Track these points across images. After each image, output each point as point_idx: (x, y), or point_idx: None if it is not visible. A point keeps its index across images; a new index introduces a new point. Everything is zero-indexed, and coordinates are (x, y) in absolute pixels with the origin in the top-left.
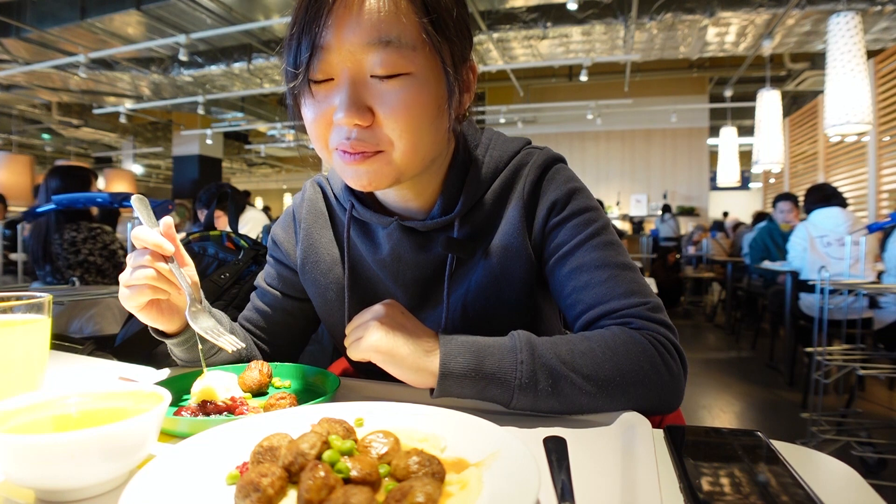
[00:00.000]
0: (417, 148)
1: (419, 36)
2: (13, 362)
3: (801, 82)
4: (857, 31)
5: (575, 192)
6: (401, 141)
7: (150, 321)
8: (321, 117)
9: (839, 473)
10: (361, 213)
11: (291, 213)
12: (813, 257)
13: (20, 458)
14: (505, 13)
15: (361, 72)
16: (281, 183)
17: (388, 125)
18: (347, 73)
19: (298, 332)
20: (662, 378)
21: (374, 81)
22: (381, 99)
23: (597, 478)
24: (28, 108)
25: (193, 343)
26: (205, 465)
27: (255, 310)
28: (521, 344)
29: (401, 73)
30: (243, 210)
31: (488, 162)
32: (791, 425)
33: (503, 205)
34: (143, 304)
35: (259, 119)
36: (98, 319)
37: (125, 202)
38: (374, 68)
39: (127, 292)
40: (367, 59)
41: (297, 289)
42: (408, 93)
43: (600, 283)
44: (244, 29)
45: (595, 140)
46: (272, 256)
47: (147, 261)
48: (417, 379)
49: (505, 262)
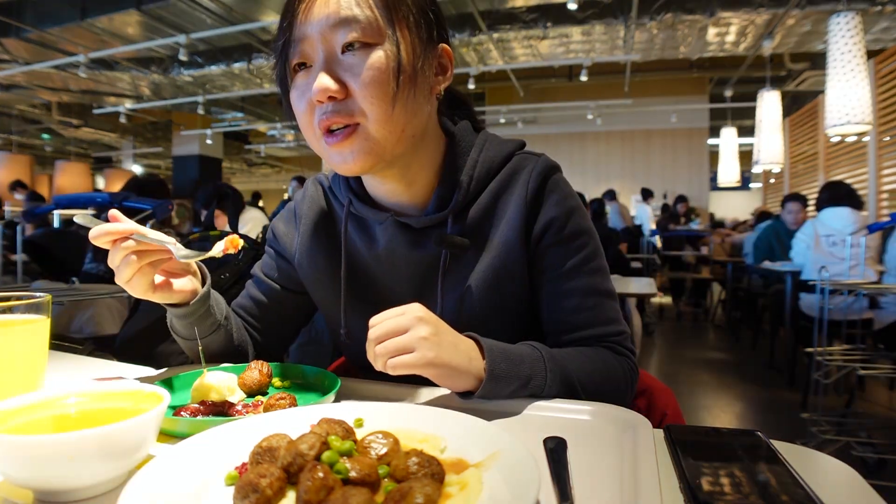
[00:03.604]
0: (390, 117)
1: (376, 12)
2: (13, 362)
3: (801, 82)
4: (858, 31)
5: (573, 211)
6: (373, 108)
7: (164, 299)
8: (306, 103)
9: (839, 473)
10: (358, 208)
11: (293, 208)
12: (816, 255)
13: (19, 458)
14: (505, 13)
15: (332, 50)
16: (281, 183)
17: (360, 94)
18: (322, 54)
19: (290, 323)
20: (625, 397)
21: (345, 57)
22: (352, 70)
23: (597, 478)
24: (28, 108)
25: (199, 316)
26: (204, 466)
27: (249, 297)
28: (545, 354)
29: (367, 44)
30: (243, 210)
31: (483, 161)
32: (791, 425)
33: (501, 205)
34: (149, 286)
35: (259, 119)
36: (98, 319)
37: (125, 202)
38: (340, 43)
39: (129, 286)
40: (334, 37)
41: (293, 281)
42: (374, 62)
43: (588, 308)
44: (244, 29)
45: (595, 140)
46: (271, 247)
47: (119, 252)
48: (460, 384)
49: (505, 261)
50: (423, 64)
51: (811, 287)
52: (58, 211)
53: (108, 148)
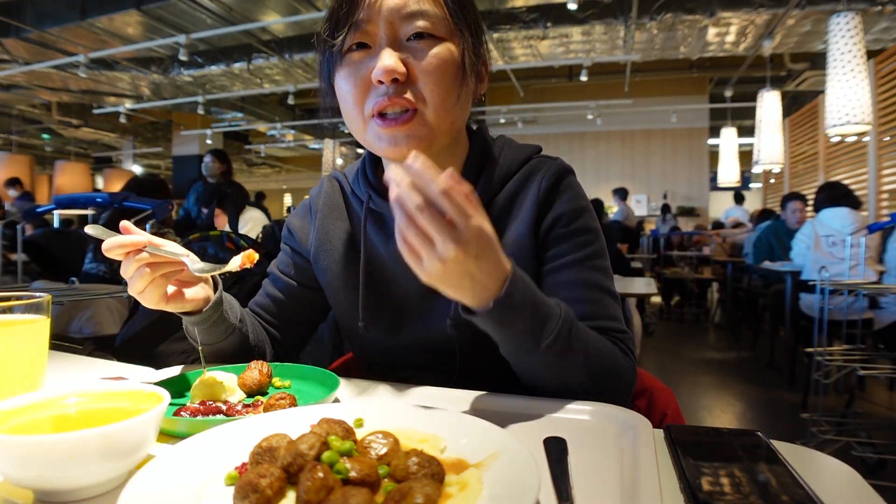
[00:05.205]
0: (447, 107)
1: (447, 11)
2: (13, 362)
3: (801, 82)
4: (858, 32)
5: (583, 210)
6: (433, 96)
7: (177, 308)
8: (359, 83)
9: (839, 473)
10: (378, 204)
11: (308, 205)
12: (816, 255)
13: (19, 458)
14: (505, 13)
15: (398, 36)
16: (281, 183)
17: (423, 80)
18: (385, 37)
19: (308, 319)
20: (625, 394)
21: (410, 44)
22: (416, 56)
23: (597, 478)
24: (28, 108)
25: (213, 322)
26: (203, 466)
27: (266, 296)
28: (564, 308)
29: (434, 36)
30: (243, 210)
31: (502, 163)
32: (791, 425)
33: (516, 205)
34: (161, 296)
35: (259, 119)
36: (98, 319)
37: (125, 202)
38: (409, 31)
39: (143, 297)
40: (403, 24)
41: (309, 277)
42: (440, 53)
43: (591, 301)
44: (244, 29)
45: (595, 140)
46: (287, 244)
47: (133, 263)
48: (462, 298)
49: (518, 257)
50: (474, 68)
51: (811, 287)
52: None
53: (108, 148)
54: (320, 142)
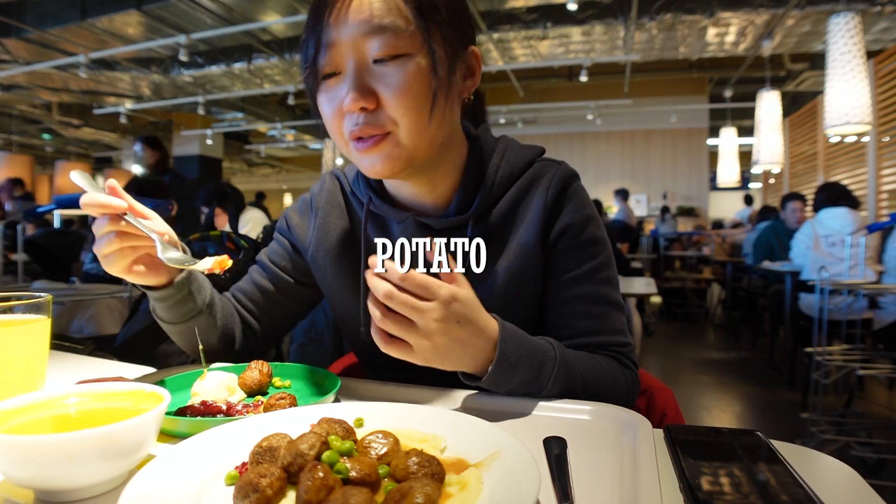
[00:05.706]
0: (421, 126)
1: (411, 20)
2: (13, 362)
3: (800, 82)
4: (857, 32)
5: (590, 220)
6: (404, 119)
7: (140, 280)
8: (336, 109)
9: (839, 473)
10: (378, 206)
11: (309, 200)
12: (816, 256)
13: (19, 458)
14: (505, 13)
15: (364, 60)
16: (281, 183)
17: (391, 105)
18: (352, 63)
19: (291, 313)
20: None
21: (377, 67)
22: (384, 81)
23: (597, 478)
24: (28, 108)
25: (177, 301)
26: (204, 466)
27: (252, 283)
28: (556, 347)
29: (400, 55)
30: (243, 210)
31: (504, 167)
32: (791, 425)
33: (521, 210)
34: (127, 266)
35: (259, 119)
36: (98, 319)
37: None
38: (373, 53)
39: (106, 261)
40: (366, 46)
41: (302, 272)
42: (407, 72)
43: (597, 316)
44: (244, 29)
45: (595, 140)
46: (283, 236)
47: (106, 226)
48: (461, 367)
49: (522, 264)
50: (455, 70)
51: (811, 287)
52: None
53: (108, 148)
54: (320, 142)
